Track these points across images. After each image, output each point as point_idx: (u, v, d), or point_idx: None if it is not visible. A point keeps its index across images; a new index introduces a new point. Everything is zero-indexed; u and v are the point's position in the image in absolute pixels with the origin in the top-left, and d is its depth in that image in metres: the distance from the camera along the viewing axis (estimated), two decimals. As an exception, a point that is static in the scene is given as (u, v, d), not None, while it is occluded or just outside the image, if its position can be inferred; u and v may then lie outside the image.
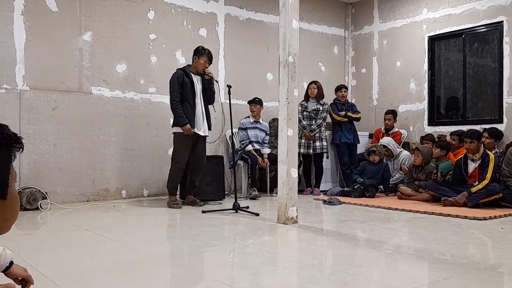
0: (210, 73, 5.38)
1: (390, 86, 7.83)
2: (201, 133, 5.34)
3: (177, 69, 5.40)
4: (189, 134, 5.19)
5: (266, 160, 6.29)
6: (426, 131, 7.20)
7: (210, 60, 5.39)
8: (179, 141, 5.27)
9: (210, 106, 5.49)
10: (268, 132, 6.65)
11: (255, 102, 6.49)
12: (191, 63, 5.44)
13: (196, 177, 5.45)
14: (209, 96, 5.46)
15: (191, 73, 5.33)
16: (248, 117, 6.54)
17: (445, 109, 7.34)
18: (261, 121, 6.57)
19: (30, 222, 4.29)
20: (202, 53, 5.33)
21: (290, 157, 4.09)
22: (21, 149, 1.18)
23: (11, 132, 1.16)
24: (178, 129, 5.23)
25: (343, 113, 6.93)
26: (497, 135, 6.00)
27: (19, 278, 1.52)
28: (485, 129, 5.95)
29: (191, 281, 2.47)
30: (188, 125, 5.17)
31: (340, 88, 7.10)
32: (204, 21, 6.65)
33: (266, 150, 6.45)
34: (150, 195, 6.08)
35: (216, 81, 5.50)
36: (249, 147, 6.32)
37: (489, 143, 5.75)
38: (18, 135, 1.18)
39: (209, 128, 5.47)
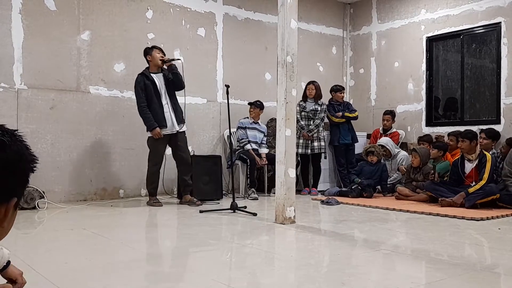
0: (167, 58, 5.37)
1: (388, 86, 7.84)
2: (172, 131, 5.33)
3: (137, 75, 5.34)
4: (160, 137, 5.23)
5: (264, 158, 6.31)
6: (423, 131, 7.22)
7: (162, 51, 5.40)
8: (153, 144, 5.31)
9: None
10: (266, 134, 6.68)
11: (256, 105, 6.50)
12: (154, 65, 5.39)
13: (186, 175, 5.46)
14: (176, 85, 5.39)
15: (151, 74, 5.31)
16: (247, 117, 6.55)
17: (443, 110, 7.35)
18: (259, 122, 6.59)
19: (27, 221, 4.28)
20: (151, 48, 5.37)
21: (288, 157, 4.09)
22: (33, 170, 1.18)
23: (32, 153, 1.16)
24: (149, 133, 5.28)
25: (340, 114, 6.93)
26: (494, 136, 6.00)
27: (14, 280, 1.51)
28: (482, 130, 5.96)
29: (189, 281, 2.47)
30: (157, 129, 5.19)
31: (339, 89, 7.09)
32: (202, 20, 6.65)
33: (264, 150, 6.47)
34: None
35: (178, 59, 5.45)
36: (248, 146, 6.34)
37: (487, 144, 5.76)
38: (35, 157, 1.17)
39: (182, 122, 5.39)
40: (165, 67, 5.38)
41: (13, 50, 5.20)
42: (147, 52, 5.38)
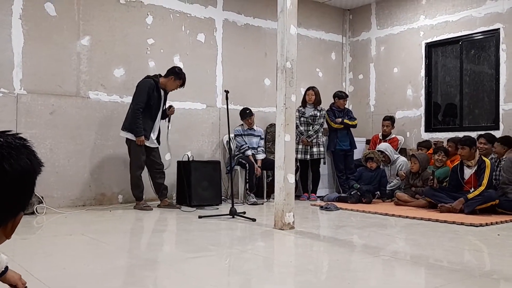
0: (172, 113, 5.67)
1: (387, 92, 7.85)
2: (152, 145, 5.49)
3: (148, 77, 5.46)
4: (141, 145, 5.35)
5: (259, 169, 6.27)
6: (423, 137, 7.23)
7: (183, 85, 5.58)
8: (136, 148, 5.37)
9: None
10: (263, 137, 6.66)
11: (249, 115, 6.39)
12: (159, 74, 5.55)
13: (162, 179, 5.61)
14: (163, 116, 5.66)
15: (161, 88, 5.48)
16: (242, 125, 6.51)
17: (442, 116, 7.36)
18: (254, 127, 6.55)
19: (25, 226, 4.26)
20: (180, 77, 5.51)
21: (287, 162, 4.09)
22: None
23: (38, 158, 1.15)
24: (132, 136, 5.33)
25: (340, 120, 6.93)
26: (493, 141, 5.98)
27: (14, 285, 1.51)
28: (481, 135, 5.95)
29: (188, 287, 2.46)
30: (143, 138, 5.30)
31: (343, 97, 7.07)
32: (202, 26, 6.67)
33: (260, 156, 6.44)
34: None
35: (168, 127, 5.70)
36: (249, 152, 6.32)
37: (487, 149, 5.74)
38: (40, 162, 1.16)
39: (158, 142, 5.60)
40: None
41: (13, 55, 5.21)
42: (177, 75, 5.48)
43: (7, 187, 0.99)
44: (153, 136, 5.48)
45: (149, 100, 5.33)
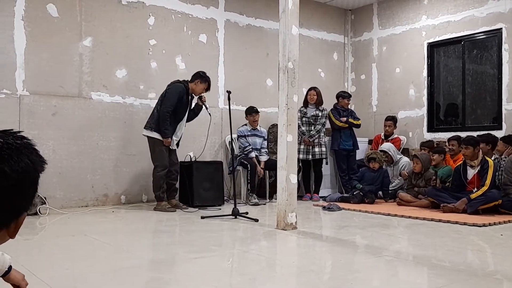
0: (205, 100, 5.66)
1: (390, 92, 7.85)
2: (172, 147, 5.55)
3: (180, 82, 5.52)
4: (167, 146, 5.44)
5: (261, 170, 6.27)
6: (425, 137, 7.21)
7: (209, 88, 5.63)
8: (161, 147, 5.42)
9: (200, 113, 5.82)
10: (266, 138, 6.65)
11: (256, 112, 6.46)
12: (188, 80, 5.57)
13: (175, 180, 5.64)
14: (191, 117, 5.72)
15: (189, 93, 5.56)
16: (245, 125, 6.50)
17: (444, 116, 7.35)
18: (258, 127, 6.56)
19: (28, 227, 4.28)
20: (205, 80, 5.55)
21: (289, 162, 4.09)
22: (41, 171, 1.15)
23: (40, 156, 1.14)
24: (159, 136, 5.38)
25: (345, 119, 6.93)
26: (491, 141, 5.92)
27: (17, 285, 1.52)
28: (478, 136, 5.91)
29: (190, 287, 2.46)
30: (170, 139, 5.39)
31: (346, 96, 7.09)
32: (204, 27, 6.67)
33: (264, 158, 6.41)
34: (150, 201, 6.06)
35: (209, 114, 5.74)
36: (252, 154, 6.29)
37: (483, 149, 5.70)
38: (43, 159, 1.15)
39: (177, 146, 5.67)
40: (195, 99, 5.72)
41: (16, 56, 5.22)
42: (202, 79, 5.53)
43: (9, 189, 0.98)
44: (175, 139, 5.55)
45: (178, 105, 5.39)
